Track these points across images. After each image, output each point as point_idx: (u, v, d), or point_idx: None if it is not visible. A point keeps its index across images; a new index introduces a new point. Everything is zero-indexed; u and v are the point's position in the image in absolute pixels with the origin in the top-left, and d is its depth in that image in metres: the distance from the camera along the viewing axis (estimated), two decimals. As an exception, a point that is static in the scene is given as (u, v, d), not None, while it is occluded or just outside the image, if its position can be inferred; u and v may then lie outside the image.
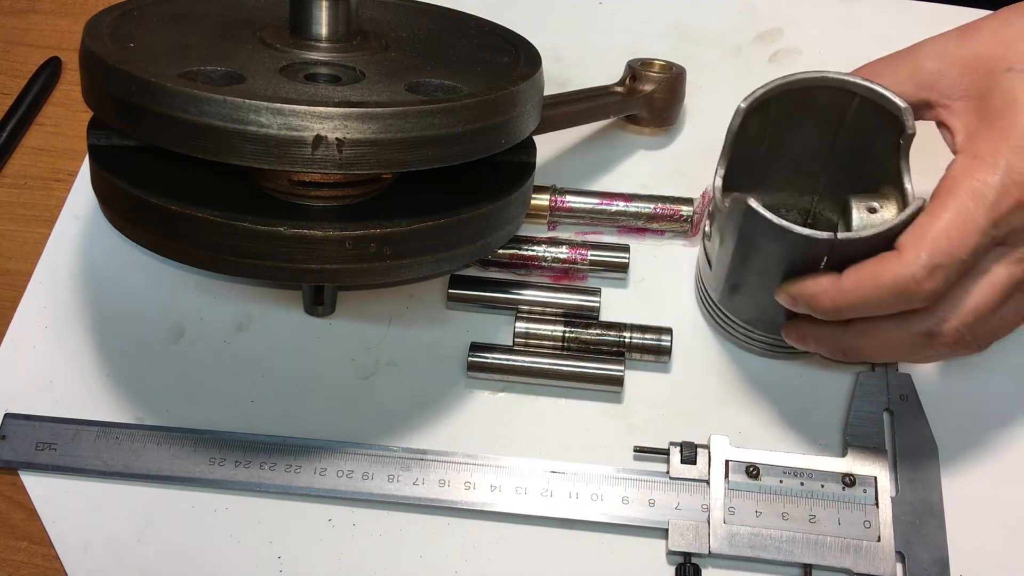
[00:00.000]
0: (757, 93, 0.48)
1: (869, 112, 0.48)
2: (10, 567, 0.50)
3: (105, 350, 0.56)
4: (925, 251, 0.43)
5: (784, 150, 0.52)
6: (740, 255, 0.48)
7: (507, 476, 0.51)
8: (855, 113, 0.49)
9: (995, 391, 0.54)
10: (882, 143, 0.47)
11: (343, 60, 0.50)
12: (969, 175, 0.43)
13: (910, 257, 0.43)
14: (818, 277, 0.45)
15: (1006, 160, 0.43)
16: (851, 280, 0.44)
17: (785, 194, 0.55)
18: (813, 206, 0.54)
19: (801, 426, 0.53)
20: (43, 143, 0.65)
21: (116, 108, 0.45)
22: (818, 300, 0.45)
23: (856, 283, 0.44)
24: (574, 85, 0.64)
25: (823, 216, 0.54)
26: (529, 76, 0.50)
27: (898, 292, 0.43)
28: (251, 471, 0.51)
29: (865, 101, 0.47)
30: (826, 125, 0.50)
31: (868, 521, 0.49)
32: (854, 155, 0.50)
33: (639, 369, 0.55)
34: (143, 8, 0.53)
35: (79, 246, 0.60)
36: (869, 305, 0.44)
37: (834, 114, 0.49)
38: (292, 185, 0.48)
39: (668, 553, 0.49)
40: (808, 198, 0.54)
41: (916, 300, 0.43)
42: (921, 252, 0.43)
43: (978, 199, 0.43)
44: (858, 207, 0.50)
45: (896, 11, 0.68)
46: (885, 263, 0.43)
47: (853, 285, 0.44)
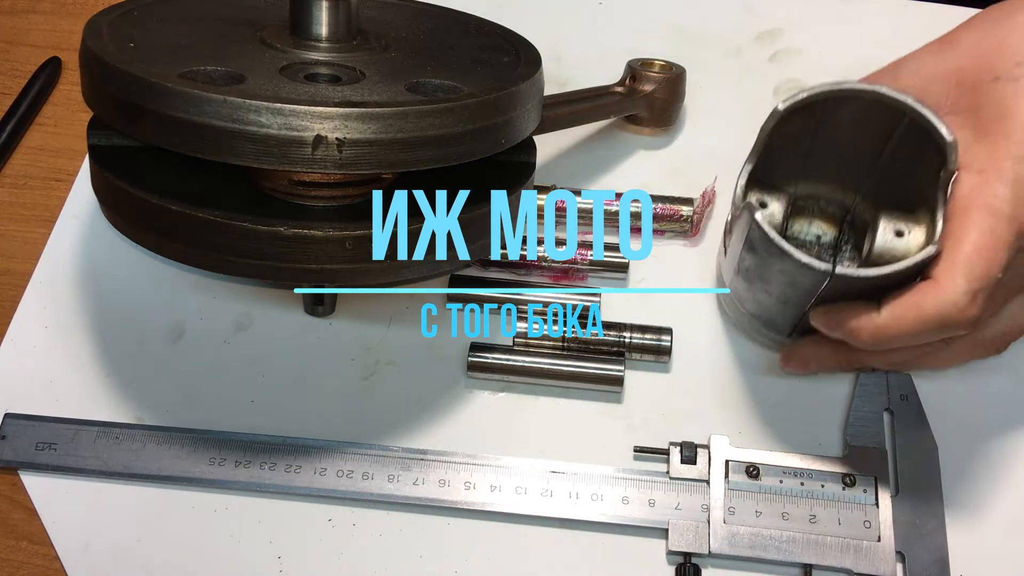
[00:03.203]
0: (798, 96, 0.47)
1: (916, 135, 0.46)
2: (10, 567, 0.50)
3: (105, 350, 0.56)
4: (962, 277, 0.42)
5: (831, 147, 0.51)
6: (745, 257, 0.48)
7: (507, 476, 0.51)
8: (903, 133, 0.47)
9: (995, 391, 0.54)
10: (925, 168, 0.46)
11: (343, 60, 0.50)
12: (980, 192, 0.43)
13: (948, 286, 0.42)
14: (857, 310, 0.44)
15: (1013, 172, 0.43)
16: (892, 314, 0.43)
17: (828, 186, 0.53)
18: (854, 204, 0.53)
19: (801, 426, 0.53)
20: (43, 143, 0.65)
21: (116, 108, 0.45)
22: (858, 334, 0.44)
23: (897, 317, 0.43)
24: (574, 85, 0.64)
25: (860, 216, 0.53)
26: (529, 76, 0.50)
27: (941, 322, 0.42)
28: (251, 471, 0.51)
29: (914, 124, 0.46)
30: (874, 135, 0.49)
31: (868, 521, 0.49)
32: (898, 172, 0.49)
33: (639, 369, 0.55)
34: (143, 8, 0.53)
35: (79, 246, 0.60)
36: (911, 337, 0.43)
37: (882, 127, 0.48)
38: (292, 185, 0.48)
39: (668, 553, 0.49)
40: (851, 195, 0.53)
41: (959, 328, 0.43)
42: (958, 279, 0.42)
43: (996, 215, 0.42)
44: (885, 227, 0.49)
45: (896, 11, 0.68)
46: (925, 294, 0.42)
47: (894, 319, 0.43)
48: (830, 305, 0.46)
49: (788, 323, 0.51)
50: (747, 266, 0.49)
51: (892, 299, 0.43)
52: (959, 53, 0.47)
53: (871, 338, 0.44)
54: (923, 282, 0.43)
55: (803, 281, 0.45)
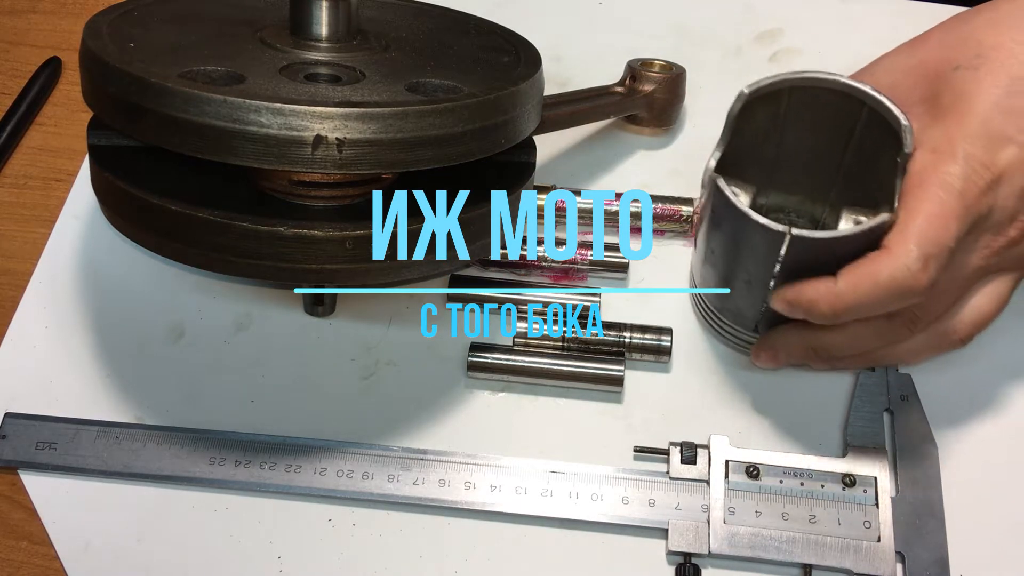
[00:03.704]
0: (763, 83, 0.48)
1: (877, 126, 0.47)
2: (10, 567, 0.50)
3: (105, 350, 0.56)
4: (914, 243, 0.43)
5: (796, 153, 0.52)
6: (712, 237, 0.48)
7: (507, 476, 0.51)
8: (864, 125, 0.48)
9: (995, 391, 0.54)
10: (886, 160, 0.47)
11: (343, 60, 0.50)
12: (933, 168, 0.44)
13: (901, 251, 0.43)
14: (815, 283, 0.45)
15: (964, 150, 0.44)
16: (847, 283, 0.44)
17: (797, 199, 0.54)
18: (824, 216, 0.54)
19: (801, 426, 0.53)
20: (43, 143, 0.65)
21: (116, 108, 0.45)
22: (817, 306, 0.45)
23: (852, 286, 0.44)
24: (574, 85, 0.64)
25: (829, 228, 0.53)
26: (529, 76, 0.50)
27: (896, 288, 0.43)
28: (251, 471, 0.51)
29: (874, 114, 0.47)
30: (837, 132, 0.50)
31: (868, 521, 0.49)
32: (862, 168, 0.50)
33: (639, 369, 0.55)
34: (143, 8, 0.53)
35: (79, 246, 0.60)
36: (869, 305, 0.44)
37: (844, 122, 0.49)
38: (292, 185, 0.48)
39: (668, 553, 0.49)
40: (820, 208, 0.54)
41: (915, 294, 0.44)
42: (911, 245, 0.43)
43: (948, 189, 0.44)
44: (847, 218, 0.50)
45: (896, 11, 0.68)
46: (879, 261, 0.44)
47: (850, 288, 0.44)
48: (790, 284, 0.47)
49: (753, 311, 0.50)
50: (713, 247, 0.49)
51: (848, 269, 0.45)
52: (928, 48, 0.49)
53: (829, 308, 0.45)
54: (877, 251, 0.44)
55: (763, 248, 0.45)
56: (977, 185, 0.44)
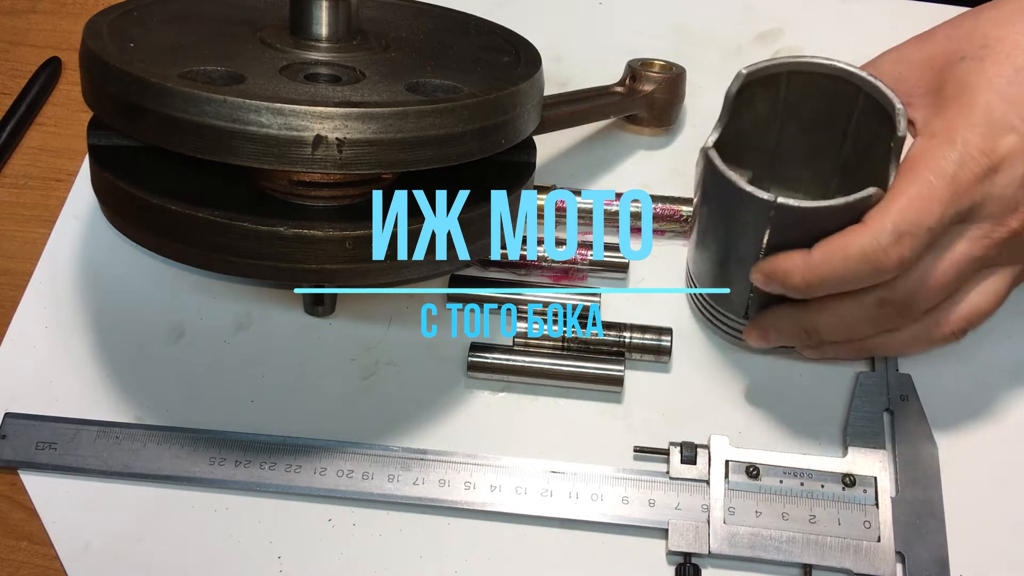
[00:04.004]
0: (760, 65, 0.48)
1: (874, 113, 0.48)
2: (10, 567, 0.50)
3: (105, 350, 0.56)
4: (890, 220, 0.44)
5: (795, 145, 0.52)
6: (702, 215, 0.49)
7: (507, 476, 0.51)
8: (861, 112, 0.49)
9: (995, 391, 0.54)
10: (882, 150, 0.47)
11: (343, 60, 0.50)
12: (930, 153, 0.45)
13: (875, 227, 0.44)
14: (790, 254, 0.46)
15: (963, 136, 0.45)
16: (820, 254, 0.45)
17: (798, 195, 0.54)
18: None
19: (801, 426, 0.53)
20: (43, 143, 0.65)
21: (116, 108, 0.45)
22: (790, 276, 0.46)
23: (825, 256, 0.45)
24: (574, 85, 0.64)
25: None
26: (529, 76, 0.50)
27: (865, 261, 0.44)
28: (251, 471, 0.51)
29: (870, 100, 0.48)
30: (835, 121, 0.50)
31: (868, 521, 0.49)
32: (859, 159, 0.50)
33: (639, 369, 0.55)
34: (143, 8, 0.53)
35: (79, 246, 0.60)
36: (839, 278, 0.45)
37: (842, 110, 0.49)
38: (292, 185, 0.48)
39: (668, 553, 0.49)
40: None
41: (884, 270, 0.44)
42: (886, 221, 0.44)
43: (939, 173, 0.44)
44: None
45: (896, 11, 0.68)
46: (852, 234, 0.45)
47: (822, 259, 0.45)
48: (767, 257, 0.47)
49: (742, 294, 0.51)
50: (704, 227, 0.49)
51: (823, 241, 0.45)
52: (935, 42, 0.50)
53: (802, 279, 0.46)
54: (854, 225, 0.45)
55: (751, 220, 0.46)
56: (972, 171, 0.44)
